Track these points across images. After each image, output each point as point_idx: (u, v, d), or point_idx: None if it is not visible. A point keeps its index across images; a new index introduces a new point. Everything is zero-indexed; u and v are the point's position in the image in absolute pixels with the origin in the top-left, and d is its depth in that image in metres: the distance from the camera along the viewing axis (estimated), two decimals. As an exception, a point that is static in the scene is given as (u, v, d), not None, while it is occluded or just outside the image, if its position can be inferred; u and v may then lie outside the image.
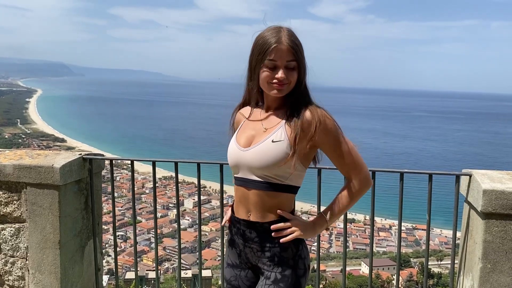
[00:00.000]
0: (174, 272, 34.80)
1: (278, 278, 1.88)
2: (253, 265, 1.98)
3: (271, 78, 1.82)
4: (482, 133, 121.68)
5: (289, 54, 1.79)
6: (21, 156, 3.10)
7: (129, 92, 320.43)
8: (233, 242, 2.02)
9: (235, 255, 2.03)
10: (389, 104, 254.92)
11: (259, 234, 1.91)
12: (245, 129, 1.98)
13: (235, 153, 1.93)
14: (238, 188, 1.95)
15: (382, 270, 36.29)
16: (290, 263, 1.89)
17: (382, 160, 71.48)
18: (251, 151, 1.86)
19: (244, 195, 1.92)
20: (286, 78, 1.80)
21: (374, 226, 3.01)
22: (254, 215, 1.91)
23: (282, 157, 1.80)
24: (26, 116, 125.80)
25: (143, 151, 79.57)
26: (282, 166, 1.81)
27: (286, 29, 1.83)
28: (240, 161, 1.90)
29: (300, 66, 1.83)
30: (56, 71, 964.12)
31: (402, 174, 2.83)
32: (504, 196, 2.42)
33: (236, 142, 1.95)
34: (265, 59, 1.80)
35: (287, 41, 1.79)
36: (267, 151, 1.82)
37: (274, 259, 1.89)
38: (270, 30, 1.83)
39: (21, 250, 3.08)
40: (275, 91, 1.84)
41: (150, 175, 56.53)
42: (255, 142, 1.88)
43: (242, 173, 1.91)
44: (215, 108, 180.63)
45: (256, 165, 1.84)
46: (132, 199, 3.34)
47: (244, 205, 1.93)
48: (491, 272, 2.50)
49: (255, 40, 1.86)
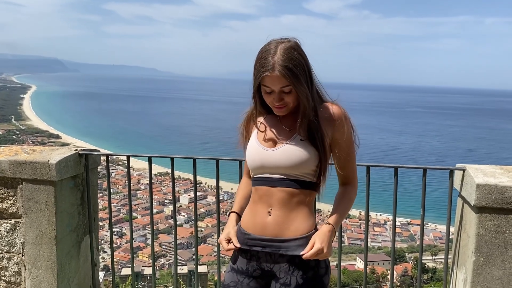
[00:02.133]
0: (170, 268, 34.82)
1: (299, 283, 1.83)
2: (264, 271, 1.91)
3: (269, 101, 1.84)
4: (477, 129, 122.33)
5: (282, 81, 1.75)
6: (17, 152, 3.10)
7: (124, 88, 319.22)
8: (245, 249, 1.93)
9: (244, 260, 1.95)
10: (384, 100, 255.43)
11: (280, 241, 1.86)
12: (265, 131, 1.95)
13: (260, 154, 1.90)
14: (259, 188, 1.92)
15: (377, 265, 36.50)
16: (312, 263, 1.85)
17: (377, 155, 71.72)
18: (279, 151, 1.85)
19: (268, 193, 1.88)
20: (284, 101, 1.81)
21: (369, 221, 3.04)
22: (276, 212, 1.86)
23: (310, 155, 1.83)
24: (21, 112, 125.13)
25: (138, 147, 79.36)
26: (309, 164, 1.83)
27: (283, 48, 1.76)
28: (267, 161, 1.87)
29: (297, 88, 1.77)
30: (50, 67, 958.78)
31: (397, 169, 2.85)
32: (497, 190, 2.45)
33: (259, 143, 1.92)
34: (261, 84, 1.81)
35: (278, 68, 1.73)
36: (296, 150, 1.83)
37: (295, 261, 1.85)
38: (265, 52, 1.78)
39: (17, 246, 3.08)
40: (277, 112, 1.86)
41: (146, 171, 56.55)
42: (281, 141, 1.87)
43: (267, 173, 1.89)
44: (210, 104, 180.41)
45: (285, 164, 1.84)
46: (128, 195, 3.35)
47: (265, 202, 1.89)
48: (484, 265, 2.54)
49: (255, 59, 1.82)
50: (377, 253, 41.55)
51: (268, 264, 1.89)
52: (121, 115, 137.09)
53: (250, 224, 1.93)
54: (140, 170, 59.25)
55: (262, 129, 1.96)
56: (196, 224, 3.41)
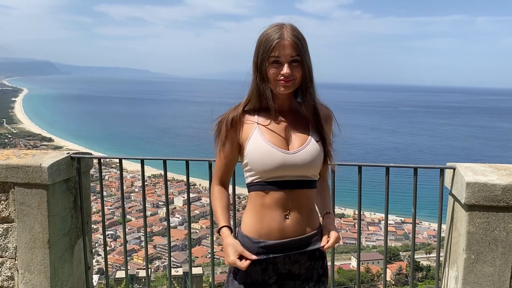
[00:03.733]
0: (165, 270, 34.72)
1: (320, 273, 1.96)
2: (281, 274, 1.90)
3: (276, 75, 1.80)
4: (469, 127, 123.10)
5: (292, 49, 1.77)
6: (8, 156, 3.08)
7: (116, 90, 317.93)
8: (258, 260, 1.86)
9: (259, 270, 1.87)
10: (376, 100, 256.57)
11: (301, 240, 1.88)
12: (270, 132, 1.88)
13: (280, 156, 1.82)
14: (269, 193, 1.85)
15: (372, 264, 36.63)
16: (324, 252, 2.00)
17: (370, 155, 72.01)
18: (302, 153, 1.84)
19: (284, 197, 1.84)
20: (291, 74, 1.79)
21: (362, 221, 3.06)
22: (295, 214, 1.85)
23: (322, 156, 1.92)
24: (12, 115, 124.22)
25: (132, 150, 79.11)
26: (321, 164, 1.93)
27: (289, 25, 1.82)
28: (288, 164, 1.83)
29: (304, 61, 1.80)
30: (42, 70, 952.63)
31: (388, 168, 2.87)
32: (487, 188, 2.48)
33: (273, 144, 1.84)
34: (269, 56, 1.79)
35: (289, 36, 1.77)
36: (316, 151, 1.88)
37: (315, 254, 1.93)
38: (273, 27, 1.82)
39: (9, 250, 3.07)
40: (282, 88, 1.82)
41: (139, 173, 56.18)
42: (297, 144, 1.87)
43: (285, 176, 1.84)
44: (203, 105, 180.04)
45: (310, 165, 1.87)
46: (121, 198, 3.34)
47: (280, 207, 1.84)
48: (474, 263, 2.57)
49: (259, 38, 1.84)
50: (371, 252, 41.67)
51: (286, 266, 1.89)
52: (114, 117, 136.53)
53: (264, 230, 1.86)
54: (134, 173, 59.03)
55: (264, 129, 1.88)
56: (190, 225, 3.41)
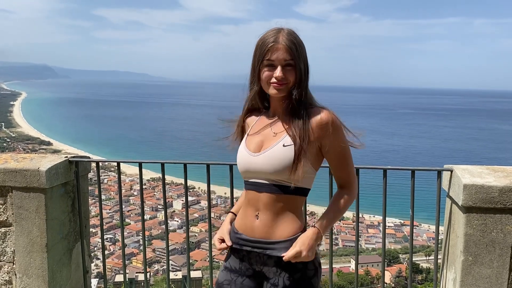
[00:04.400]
0: (164, 274, 34.64)
1: (286, 284, 1.84)
2: (256, 271, 1.95)
3: (270, 77, 1.84)
4: (467, 129, 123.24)
5: (286, 53, 1.80)
6: (6, 159, 3.08)
7: (115, 93, 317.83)
8: (237, 248, 1.99)
9: (237, 260, 2.00)
10: (375, 102, 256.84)
11: (267, 243, 1.90)
12: (254, 135, 1.97)
13: (246, 158, 1.92)
14: (248, 192, 1.96)
15: (372, 266, 36.58)
16: (299, 266, 1.85)
17: (369, 158, 71.91)
18: (262, 156, 1.86)
19: (255, 197, 1.91)
20: (284, 77, 1.82)
21: (361, 223, 3.06)
22: (263, 216, 1.89)
23: (291, 161, 1.80)
24: (11, 119, 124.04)
25: (130, 153, 78.95)
26: (293, 170, 1.81)
27: (286, 30, 1.85)
28: (251, 166, 1.90)
29: (298, 65, 1.82)
30: (40, 74, 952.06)
31: (385, 170, 2.88)
32: (484, 190, 2.48)
33: (246, 147, 1.95)
34: (264, 59, 1.83)
35: (284, 40, 1.81)
36: (279, 155, 1.82)
37: (281, 263, 1.85)
38: (270, 31, 1.86)
39: (7, 255, 3.06)
40: (275, 91, 1.85)
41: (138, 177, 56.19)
42: (265, 147, 1.88)
43: (253, 178, 1.92)
44: (202, 108, 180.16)
45: (267, 169, 1.84)
46: (120, 201, 3.34)
47: (253, 206, 1.93)
48: (472, 265, 2.57)
49: (256, 42, 1.89)
50: (371, 255, 41.63)
51: (258, 265, 1.93)
52: (112, 121, 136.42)
53: (242, 225, 1.98)
54: (133, 176, 58.95)
55: (253, 131, 1.98)
56: (188, 229, 3.41)
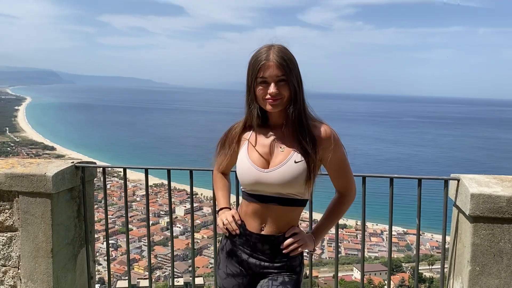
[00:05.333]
0: (166, 280, 34.53)
1: (286, 280, 2.00)
2: (254, 273, 2.05)
3: (265, 94, 1.90)
4: (472, 138, 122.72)
5: (278, 69, 1.87)
6: (13, 164, 3.09)
7: (119, 99, 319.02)
8: (234, 253, 2.07)
9: (235, 264, 2.08)
10: (379, 110, 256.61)
11: (272, 247, 2.00)
12: (255, 149, 2.02)
13: (255, 174, 1.96)
14: (251, 203, 2.02)
15: (374, 275, 36.34)
16: (297, 269, 2.05)
17: (373, 166, 71.75)
18: (276, 173, 1.92)
19: (260, 210, 1.99)
20: (278, 92, 1.88)
21: (365, 232, 3.05)
22: (269, 229, 1.99)
23: (303, 176, 1.92)
24: (15, 124, 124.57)
25: (134, 159, 79.02)
26: (302, 183, 1.92)
27: (277, 46, 1.92)
28: (262, 181, 1.95)
29: (290, 80, 1.88)
30: (45, 79, 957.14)
31: (392, 179, 2.87)
32: (491, 200, 2.47)
33: (251, 162, 1.99)
34: (257, 77, 1.89)
35: (275, 58, 1.87)
36: (292, 172, 1.91)
37: (283, 268, 2.02)
38: (261, 49, 1.92)
39: (13, 259, 3.06)
40: (270, 107, 1.92)
41: (141, 182, 56.24)
42: (275, 162, 1.95)
43: (261, 191, 1.98)
44: (206, 114, 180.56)
45: (282, 185, 1.92)
46: (125, 207, 3.34)
47: (258, 219, 2.01)
48: (479, 275, 2.55)
49: (249, 61, 1.95)
50: (374, 263, 41.37)
51: (257, 269, 2.04)
52: (117, 126, 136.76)
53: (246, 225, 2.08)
54: (136, 182, 58.92)
55: (253, 145, 2.02)
56: (193, 235, 3.40)
